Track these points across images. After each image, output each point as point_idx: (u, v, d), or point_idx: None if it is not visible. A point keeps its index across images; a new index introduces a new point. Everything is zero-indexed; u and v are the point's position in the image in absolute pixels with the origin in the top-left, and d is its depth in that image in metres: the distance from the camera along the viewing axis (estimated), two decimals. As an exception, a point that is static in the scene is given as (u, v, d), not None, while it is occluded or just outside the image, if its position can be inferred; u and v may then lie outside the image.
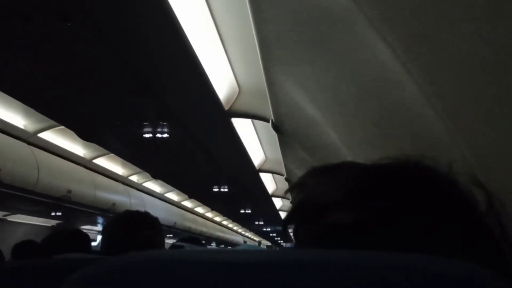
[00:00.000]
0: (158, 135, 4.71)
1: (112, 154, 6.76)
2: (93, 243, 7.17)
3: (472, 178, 0.37)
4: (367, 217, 0.34)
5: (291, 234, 0.41)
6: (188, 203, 12.51)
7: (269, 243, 24.74)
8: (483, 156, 0.76)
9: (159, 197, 10.44)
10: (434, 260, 0.23)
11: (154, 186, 9.88)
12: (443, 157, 0.38)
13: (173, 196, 11.16)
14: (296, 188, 0.41)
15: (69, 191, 6.29)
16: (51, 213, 7.28)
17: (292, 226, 0.39)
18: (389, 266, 0.23)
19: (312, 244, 0.35)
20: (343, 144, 1.96)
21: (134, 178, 8.82)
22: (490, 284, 0.22)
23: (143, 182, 9.25)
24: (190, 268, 0.24)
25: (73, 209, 6.81)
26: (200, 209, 13.85)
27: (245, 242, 20.78)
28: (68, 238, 1.92)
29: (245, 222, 17.16)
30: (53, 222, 8.37)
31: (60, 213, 7.31)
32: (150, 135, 4.71)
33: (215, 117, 3.73)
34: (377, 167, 0.38)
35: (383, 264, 0.23)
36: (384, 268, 0.23)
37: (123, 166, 7.99)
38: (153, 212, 1.43)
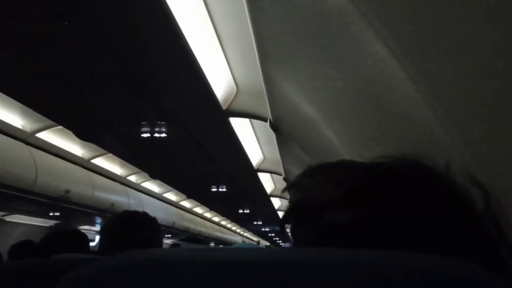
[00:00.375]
0: (156, 135, 4.71)
1: (110, 154, 6.75)
2: (92, 243, 7.16)
3: (470, 178, 0.37)
4: (364, 217, 0.34)
5: (289, 233, 0.41)
6: (186, 203, 12.50)
7: (268, 243, 24.72)
8: (480, 155, 0.76)
9: (158, 197, 10.43)
10: (432, 259, 0.23)
11: (152, 186, 9.87)
12: (441, 157, 0.38)
13: (171, 196, 11.15)
14: (293, 187, 0.40)
15: (67, 191, 6.28)
16: (49, 213, 7.26)
17: (290, 225, 0.39)
18: (388, 265, 0.23)
19: (310, 243, 0.35)
20: (341, 144, 1.96)
21: (132, 178, 8.81)
22: (488, 283, 0.22)
23: (142, 182, 9.24)
24: (187, 267, 0.24)
25: (72, 209, 6.79)
26: (198, 209, 13.84)
27: (243, 242, 20.77)
28: (66, 238, 1.91)
29: (244, 222, 17.15)
30: (51, 223, 8.35)
31: (58, 213, 7.29)
32: (148, 135, 4.70)
33: (213, 116, 3.73)
34: (374, 166, 0.38)
35: (382, 263, 0.23)
36: (383, 267, 0.23)
37: (122, 166, 7.98)
38: (152, 212, 1.43)
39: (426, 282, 0.22)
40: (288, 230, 0.40)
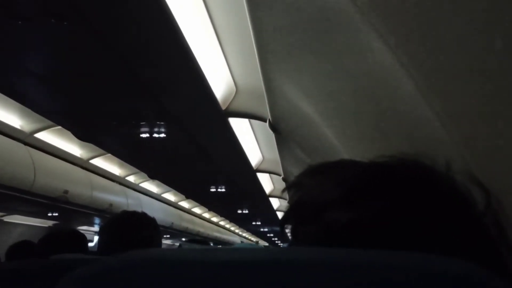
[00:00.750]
0: (155, 135, 4.69)
1: (109, 155, 6.74)
2: (90, 244, 7.15)
3: (470, 177, 0.37)
4: (364, 217, 0.34)
5: (289, 234, 0.41)
6: (185, 204, 12.49)
7: (266, 244, 24.72)
8: (481, 154, 0.76)
9: (156, 197, 10.42)
10: (432, 259, 0.23)
11: (151, 186, 9.86)
12: (441, 156, 0.38)
13: (170, 196, 11.14)
14: (292, 187, 0.40)
15: (66, 192, 6.27)
16: (47, 213, 7.25)
17: (290, 226, 0.39)
18: (387, 265, 0.23)
19: (310, 243, 0.35)
20: (341, 143, 1.96)
21: (131, 179, 8.80)
22: (488, 283, 0.22)
23: (140, 183, 9.23)
24: (187, 267, 0.24)
25: (70, 209, 6.79)
26: (197, 210, 13.83)
27: (242, 242, 20.76)
28: (65, 238, 1.91)
29: (243, 222, 17.14)
30: (50, 223, 8.34)
31: (56, 214, 7.28)
32: (147, 135, 4.69)
33: (213, 117, 3.73)
34: (374, 165, 0.38)
35: (381, 263, 0.23)
36: (383, 267, 0.23)
37: (120, 166, 7.97)
38: (150, 213, 1.43)
39: (426, 282, 0.22)
40: (288, 230, 0.40)
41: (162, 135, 4.70)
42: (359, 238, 0.33)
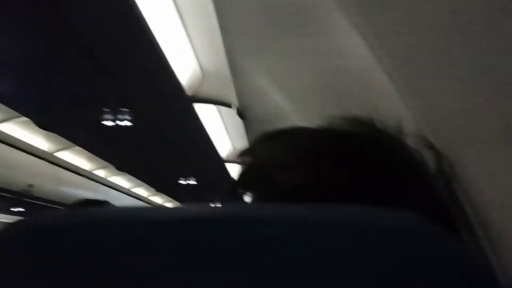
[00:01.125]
0: (119, 122, 4.59)
1: (77, 148, 6.62)
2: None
3: (422, 139, 0.37)
4: (315, 180, 0.33)
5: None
6: (157, 199, 12.40)
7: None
8: (432, 113, 0.77)
9: (127, 192, 10.32)
10: (378, 212, 0.22)
11: (121, 181, 9.74)
12: (393, 118, 0.38)
13: (141, 191, 11.04)
14: (245, 154, 0.40)
15: (31, 186, 6.13)
16: (11, 208, 7.05)
17: (241, 191, 0.38)
18: (330, 218, 0.22)
19: None
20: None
21: (100, 173, 8.67)
22: (433, 234, 0.22)
23: (109, 177, 9.10)
24: (118, 226, 0.22)
25: (36, 204, 6.65)
26: (169, 205, 13.78)
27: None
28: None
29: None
30: (15, 219, 8.13)
31: (22, 209, 7.09)
32: (111, 122, 4.58)
33: (178, 103, 3.67)
34: (326, 130, 0.38)
35: (320, 217, 0.22)
36: (327, 220, 0.21)
37: (89, 160, 7.85)
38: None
39: (374, 234, 0.21)
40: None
41: (126, 122, 4.58)
42: (309, 201, 0.32)
